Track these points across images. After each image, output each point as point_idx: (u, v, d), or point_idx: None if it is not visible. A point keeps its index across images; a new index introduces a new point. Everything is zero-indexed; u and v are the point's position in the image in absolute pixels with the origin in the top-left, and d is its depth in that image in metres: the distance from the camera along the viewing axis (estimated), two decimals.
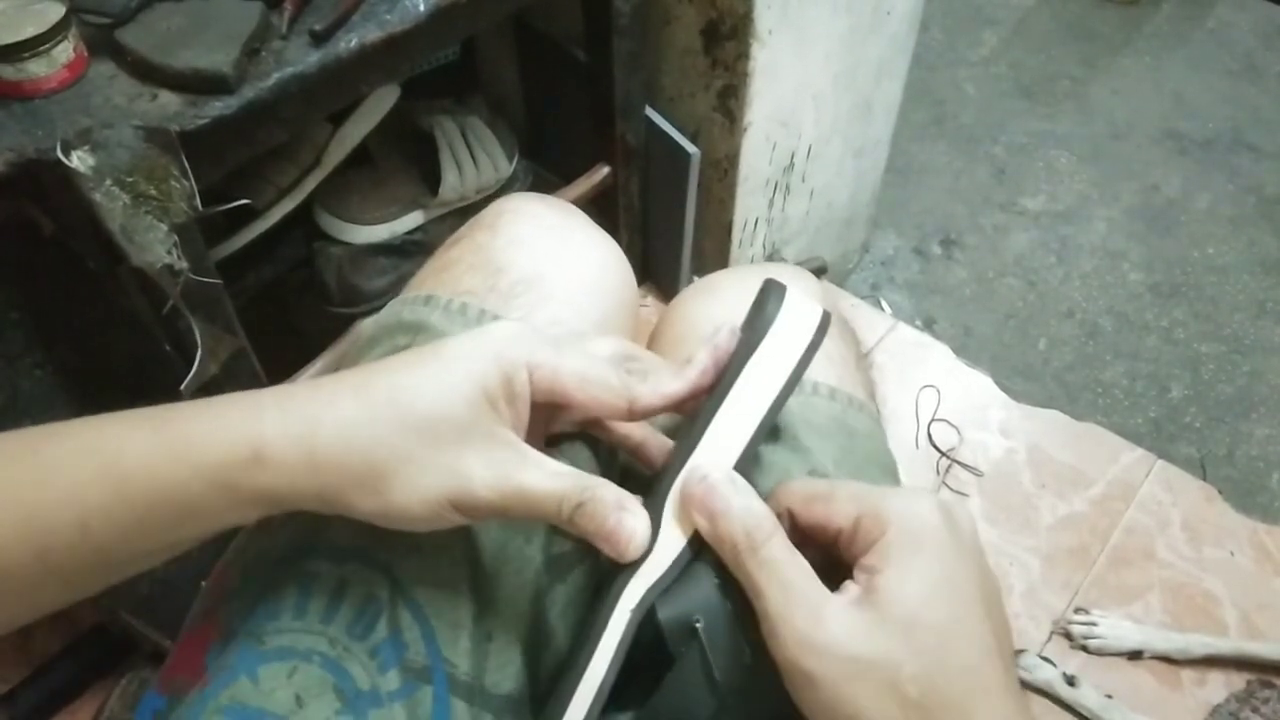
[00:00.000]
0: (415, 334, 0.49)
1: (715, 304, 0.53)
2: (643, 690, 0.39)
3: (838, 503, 0.36)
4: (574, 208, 0.58)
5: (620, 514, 0.37)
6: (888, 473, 0.49)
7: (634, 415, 0.40)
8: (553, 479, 0.37)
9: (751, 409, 0.39)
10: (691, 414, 0.42)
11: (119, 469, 0.33)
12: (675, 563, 0.38)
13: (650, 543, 0.38)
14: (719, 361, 0.41)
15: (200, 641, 0.43)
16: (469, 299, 0.50)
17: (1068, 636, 1.15)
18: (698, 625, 0.37)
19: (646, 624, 0.38)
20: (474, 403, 0.36)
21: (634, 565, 0.38)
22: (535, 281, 0.51)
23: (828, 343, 0.49)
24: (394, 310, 0.52)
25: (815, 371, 0.48)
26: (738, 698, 0.37)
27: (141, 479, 0.33)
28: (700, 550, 0.38)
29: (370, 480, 0.35)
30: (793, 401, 0.47)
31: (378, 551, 0.42)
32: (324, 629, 0.40)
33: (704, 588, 0.38)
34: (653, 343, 0.57)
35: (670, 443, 0.44)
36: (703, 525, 0.37)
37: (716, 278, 0.57)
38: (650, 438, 0.44)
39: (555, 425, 0.44)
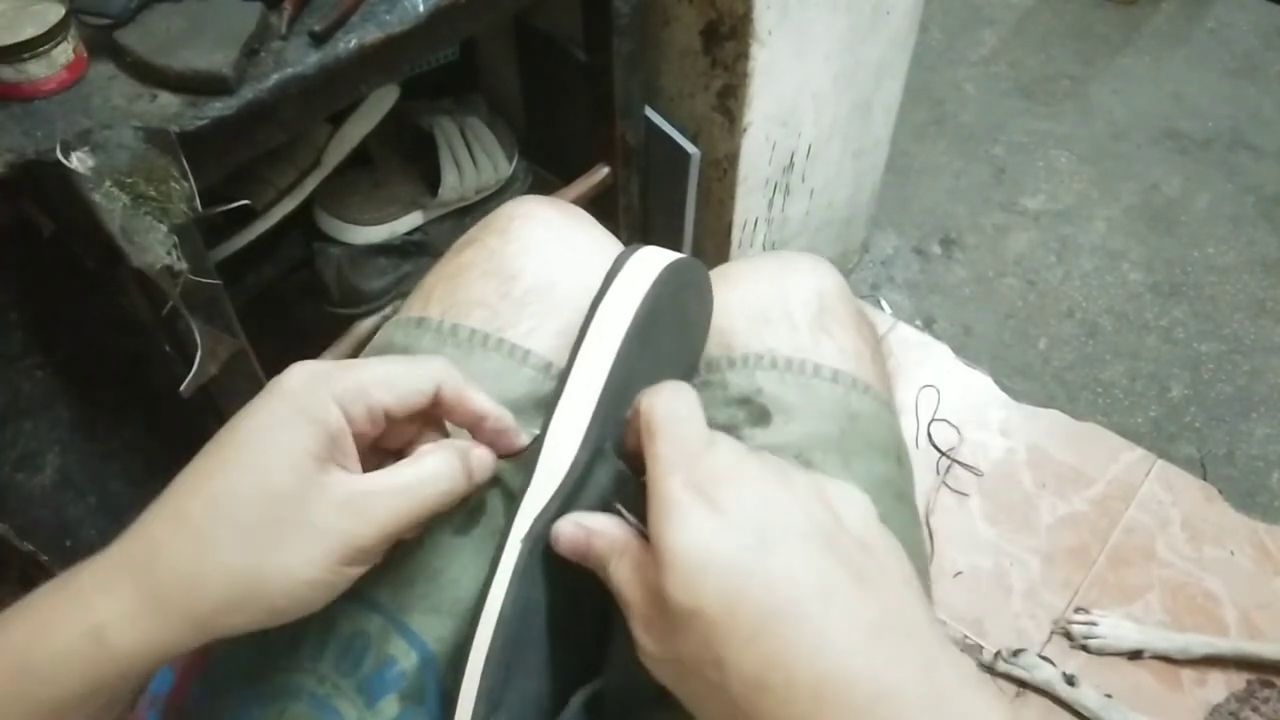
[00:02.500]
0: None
1: (729, 294, 0.53)
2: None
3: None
4: (582, 211, 0.57)
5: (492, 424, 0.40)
6: (889, 457, 0.48)
7: (444, 399, 0.40)
8: (422, 458, 0.38)
9: (602, 355, 0.41)
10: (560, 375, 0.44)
11: None
12: (559, 490, 0.39)
13: (528, 478, 0.40)
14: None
15: (188, 668, 0.43)
16: (464, 319, 0.50)
17: (1068, 636, 1.15)
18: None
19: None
20: (302, 469, 0.35)
21: (521, 503, 0.40)
22: (547, 290, 0.50)
23: (838, 330, 0.50)
24: (387, 333, 0.52)
25: (817, 355, 0.49)
26: None
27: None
28: (584, 474, 0.40)
29: (241, 599, 0.34)
30: (791, 384, 0.47)
31: (366, 589, 0.41)
32: (313, 666, 0.41)
33: (609, 511, 0.39)
34: None
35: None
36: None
37: (729, 268, 0.56)
38: (490, 413, 0.42)
39: (391, 442, 0.42)
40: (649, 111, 1.21)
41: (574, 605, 0.40)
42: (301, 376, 0.37)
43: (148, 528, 0.34)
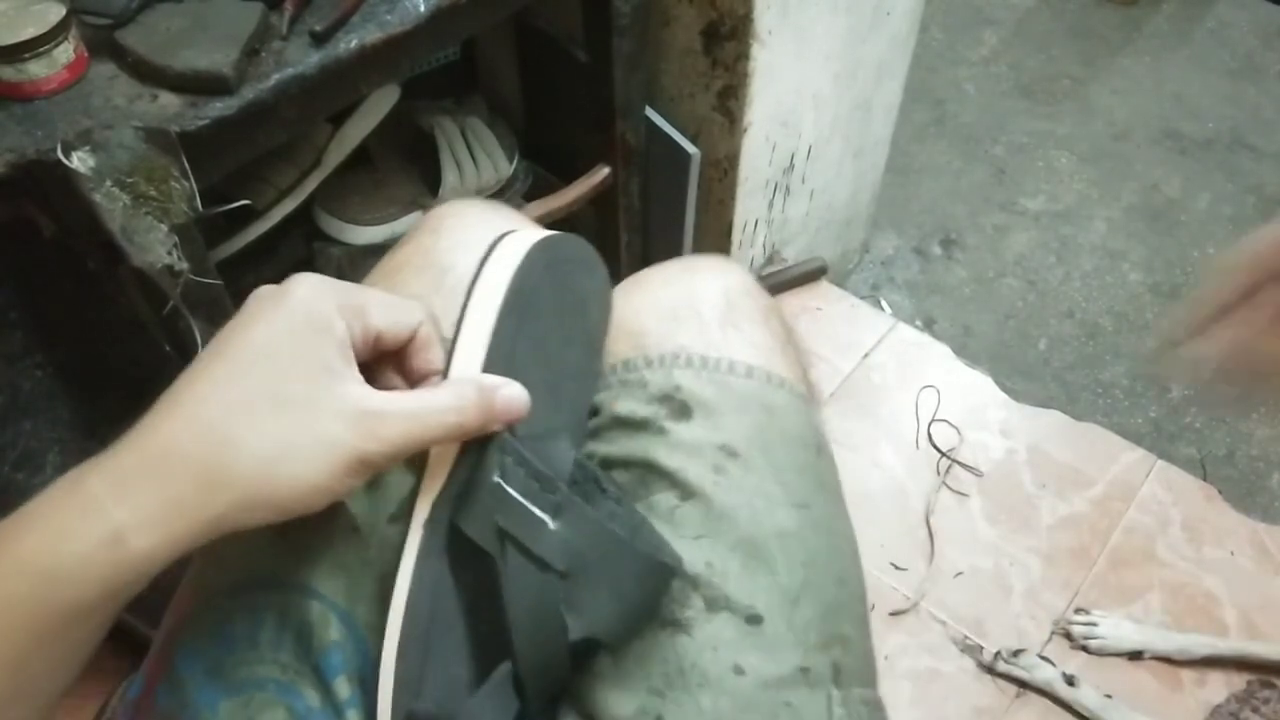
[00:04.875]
0: None
1: (639, 297, 0.54)
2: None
3: None
4: (514, 211, 0.59)
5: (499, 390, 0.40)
6: (809, 447, 0.49)
7: (419, 338, 0.41)
8: (440, 388, 0.39)
9: (480, 324, 0.43)
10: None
11: None
12: (450, 478, 0.41)
13: (424, 461, 0.42)
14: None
15: (155, 670, 0.44)
16: None
17: (1068, 636, 1.15)
18: (498, 522, 0.39)
19: (471, 558, 0.40)
20: (316, 378, 0.36)
21: (419, 488, 0.41)
22: (464, 246, 0.52)
23: (746, 326, 0.51)
24: None
25: (729, 352, 0.50)
26: (571, 558, 0.39)
27: (2, 615, 0.32)
28: (476, 457, 0.41)
29: (254, 500, 0.35)
30: (707, 381, 0.49)
31: (306, 578, 0.43)
32: (275, 656, 0.42)
33: (490, 488, 0.40)
34: None
35: None
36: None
37: (642, 274, 0.57)
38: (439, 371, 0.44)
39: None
40: (649, 111, 1.20)
41: (488, 584, 0.40)
42: (309, 287, 0.38)
43: (162, 431, 0.35)
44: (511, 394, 0.40)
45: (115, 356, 1.00)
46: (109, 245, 0.68)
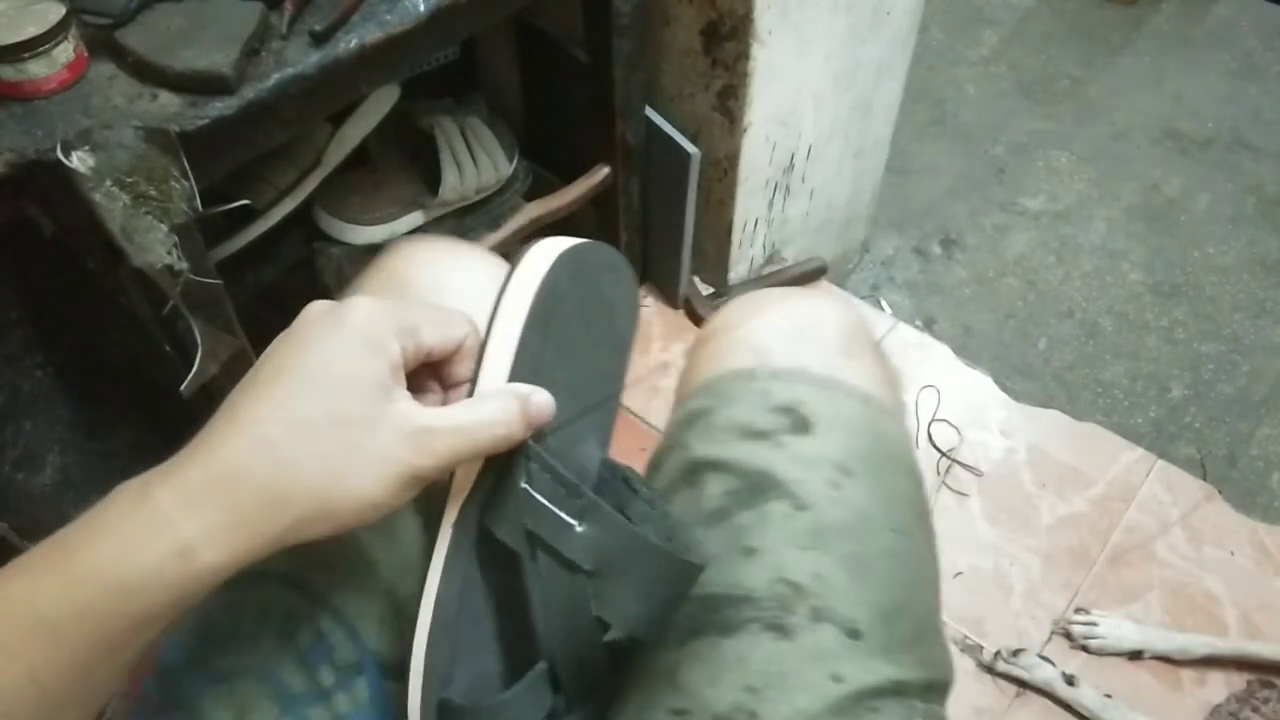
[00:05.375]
0: None
1: (761, 316, 0.56)
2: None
3: None
4: (468, 243, 0.61)
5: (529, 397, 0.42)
6: (911, 478, 0.51)
7: (464, 350, 0.42)
8: (484, 401, 0.40)
9: (507, 332, 0.43)
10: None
11: (46, 623, 0.33)
12: (479, 482, 0.42)
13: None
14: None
15: (142, 672, 0.45)
16: None
17: (1068, 636, 1.15)
18: (526, 525, 0.40)
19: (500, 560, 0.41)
20: (371, 398, 0.37)
21: (450, 489, 0.42)
22: (433, 290, 0.53)
23: (864, 356, 0.54)
24: None
25: (849, 376, 0.52)
26: (599, 559, 0.40)
27: (72, 624, 0.33)
28: (504, 462, 0.42)
29: (315, 517, 0.36)
30: (827, 399, 0.50)
31: (293, 571, 0.45)
32: (253, 646, 0.44)
33: (517, 494, 0.41)
34: (697, 348, 0.59)
35: None
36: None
37: (759, 294, 0.60)
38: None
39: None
40: (649, 111, 1.21)
41: (516, 584, 0.42)
42: (366, 309, 0.39)
43: (226, 450, 0.36)
44: (540, 400, 0.42)
45: (115, 357, 1.00)
46: (109, 245, 0.68)
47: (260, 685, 0.43)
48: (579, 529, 0.40)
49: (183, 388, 0.78)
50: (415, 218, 1.14)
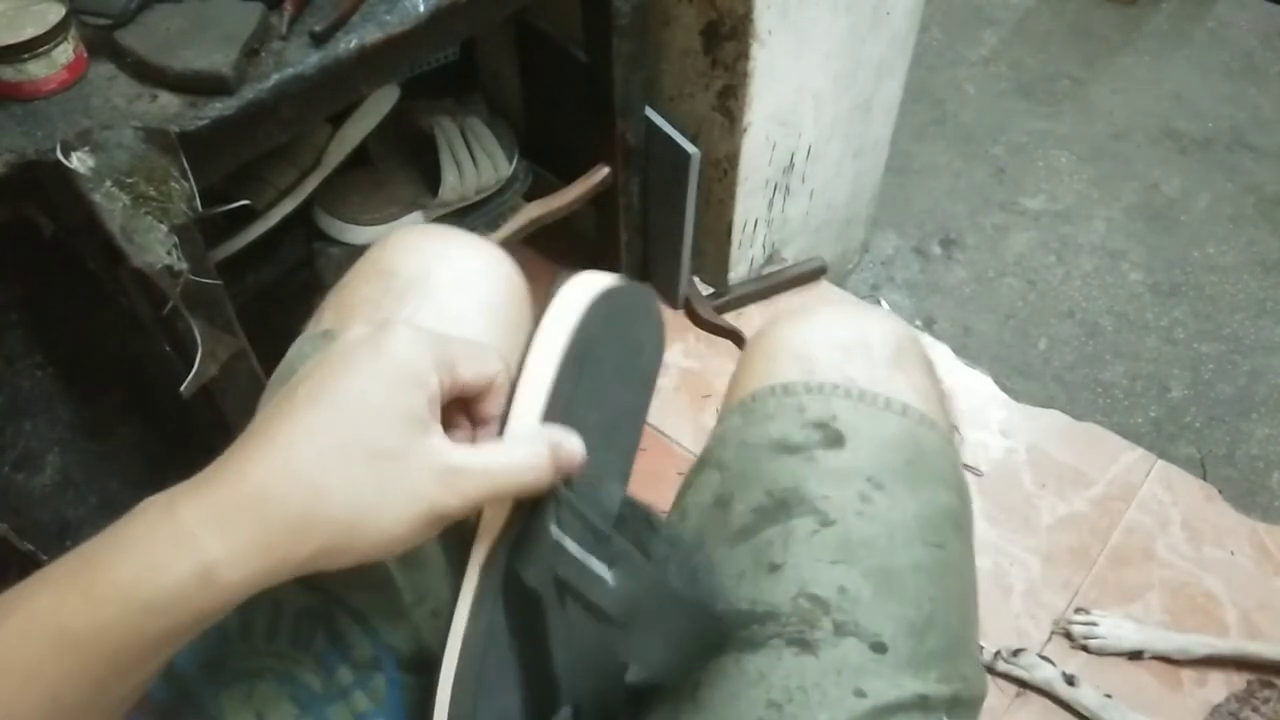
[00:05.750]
0: None
1: (811, 326, 0.56)
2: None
3: None
4: (454, 227, 0.61)
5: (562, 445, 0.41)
6: (951, 489, 0.50)
7: (495, 387, 0.42)
8: (516, 445, 0.40)
9: (541, 373, 0.43)
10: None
11: (68, 639, 0.33)
12: (508, 523, 0.42)
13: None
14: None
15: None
16: (353, 319, 0.53)
17: (1068, 636, 1.15)
18: (556, 571, 0.40)
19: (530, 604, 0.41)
20: (405, 432, 0.36)
21: (478, 529, 0.43)
22: (420, 279, 0.53)
23: (913, 370, 0.54)
24: (298, 347, 0.55)
25: (891, 390, 0.51)
26: (628, 610, 0.41)
27: (94, 641, 0.33)
28: (532, 508, 0.41)
29: (339, 546, 0.36)
30: (864, 413, 0.50)
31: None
32: (269, 646, 0.44)
33: (547, 540, 0.41)
34: (744, 359, 0.59)
35: None
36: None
37: (813, 305, 0.61)
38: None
39: None
40: (649, 111, 1.21)
41: (541, 628, 0.42)
42: (407, 341, 0.38)
43: (256, 472, 0.35)
44: (572, 447, 0.41)
45: (115, 357, 1.00)
46: (109, 245, 0.68)
47: (279, 686, 0.43)
48: (609, 580, 0.40)
49: (183, 388, 0.78)
50: (415, 218, 1.14)
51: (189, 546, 0.34)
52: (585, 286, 0.46)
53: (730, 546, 0.48)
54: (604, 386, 0.46)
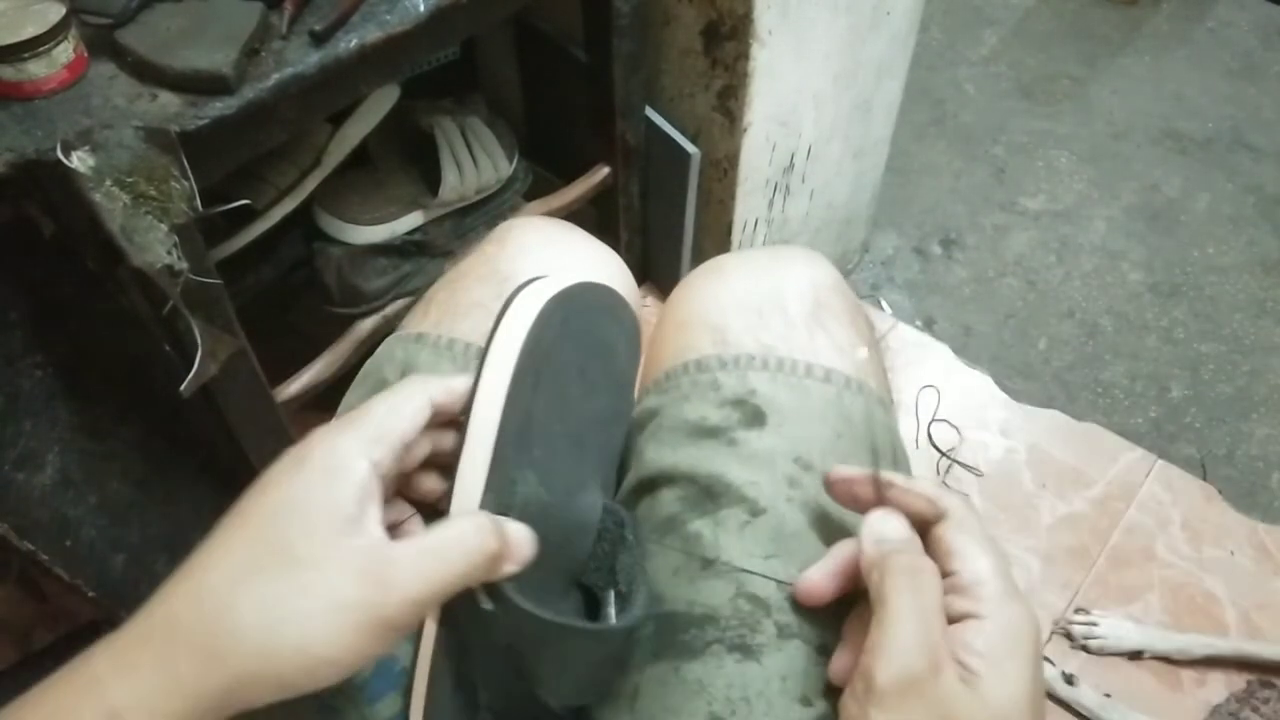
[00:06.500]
0: (402, 371, 0.50)
1: (721, 288, 0.52)
2: None
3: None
4: (576, 226, 0.58)
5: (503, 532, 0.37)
6: (885, 458, 0.47)
7: (440, 403, 0.40)
8: (453, 521, 0.36)
9: (493, 403, 0.40)
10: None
11: None
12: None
13: None
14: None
15: None
16: (460, 325, 0.51)
17: (1068, 636, 1.15)
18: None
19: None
20: (321, 535, 0.33)
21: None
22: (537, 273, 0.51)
23: (833, 325, 0.49)
24: (389, 347, 0.53)
25: (812, 354, 0.48)
26: (516, 640, 0.39)
27: None
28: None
29: (254, 675, 0.32)
30: (784, 385, 0.47)
31: None
32: None
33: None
34: (658, 330, 0.56)
35: None
36: None
37: (723, 260, 0.55)
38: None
39: (412, 489, 0.43)
40: (649, 111, 1.21)
41: (470, 666, 0.41)
42: (321, 434, 0.36)
43: (168, 601, 0.33)
44: (518, 539, 0.37)
45: (115, 357, 1.00)
46: (109, 245, 0.68)
47: (318, 718, 0.41)
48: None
49: (183, 388, 0.78)
50: (415, 218, 1.14)
51: (94, 694, 0.31)
52: (535, 295, 0.43)
53: (660, 537, 0.45)
54: (566, 395, 0.43)
